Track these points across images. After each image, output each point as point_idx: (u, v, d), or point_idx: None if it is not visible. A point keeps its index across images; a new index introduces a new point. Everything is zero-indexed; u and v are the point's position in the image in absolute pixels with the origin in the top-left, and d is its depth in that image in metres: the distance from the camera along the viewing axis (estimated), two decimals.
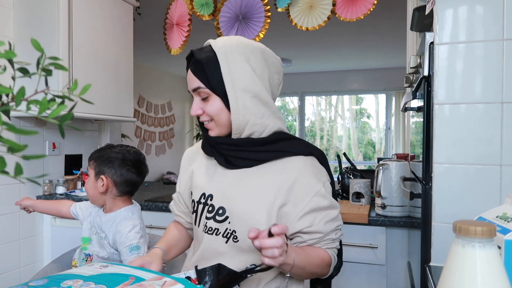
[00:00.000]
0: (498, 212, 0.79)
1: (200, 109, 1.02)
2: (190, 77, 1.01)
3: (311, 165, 1.04)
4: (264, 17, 2.43)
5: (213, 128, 1.03)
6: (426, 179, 1.14)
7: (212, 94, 0.99)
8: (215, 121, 1.02)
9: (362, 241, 1.85)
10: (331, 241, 1.02)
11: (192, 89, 1.01)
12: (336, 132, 7.22)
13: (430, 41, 1.11)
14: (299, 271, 0.95)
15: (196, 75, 0.99)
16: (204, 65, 0.97)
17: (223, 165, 1.04)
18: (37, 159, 0.51)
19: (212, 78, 0.97)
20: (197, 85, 0.99)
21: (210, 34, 2.69)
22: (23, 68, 0.54)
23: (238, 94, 0.96)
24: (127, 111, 2.56)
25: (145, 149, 6.14)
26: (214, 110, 1.00)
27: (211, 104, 1.00)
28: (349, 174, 2.34)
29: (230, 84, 0.96)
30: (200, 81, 0.99)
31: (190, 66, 1.01)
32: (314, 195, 0.99)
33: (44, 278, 0.76)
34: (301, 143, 1.06)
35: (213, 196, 1.04)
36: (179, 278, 0.76)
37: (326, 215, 1.00)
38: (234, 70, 0.96)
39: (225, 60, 0.96)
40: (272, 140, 1.01)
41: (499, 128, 1.04)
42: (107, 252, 1.45)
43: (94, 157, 1.49)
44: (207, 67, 0.97)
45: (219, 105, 0.99)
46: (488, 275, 0.52)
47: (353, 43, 4.82)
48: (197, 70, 0.99)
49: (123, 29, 2.51)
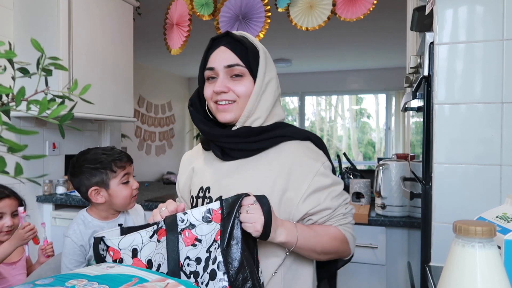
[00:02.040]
0: (498, 212, 0.79)
1: (226, 87, 1.00)
2: (225, 53, 1.01)
3: (307, 147, 1.04)
4: (264, 17, 2.43)
5: (232, 110, 1.02)
6: (426, 179, 1.14)
7: (248, 75, 1.01)
8: (238, 102, 1.01)
9: (362, 241, 1.85)
10: (342, 216, 1.01)
11: (227, 65, 1.00)
12: (336, 132, 7.21)
13: (430, 41, 1.11)
14: (307, 248, 0.95)
15: (236, 53, 1.00)
16: (248, 47, 1.01)
17: (219, 157, 1.04)
18: (37, 159, 0.51)
19: (252, 61, 1.01)
20: (236, 62, 1.00)
21: (210, 34, 2.68)
22: (23, 68, 0.54)
23: (265, 81, 1.02)
24: (127, 111, 2.56)
25: (145, 149, 6.14)
26: (245, 90, 1.00)
27: (244, 83, 1.01)
28: (349, 174, 2.34)
29: (263, 70, 1.02)
30: (240, 59, 1.00)
31: (226, 44, 1.01)
32: (314, 175, 0.98)
33: (50, 277, 0.77)
34: (298, 129, 1.07)
35: (211, 188, 1.04)
36: (182, 280, 0.76)
37: (331, 192, 0.99)
38: (269, 64, 1.04)
39: (264, 53, 1.03)
40: (269, 128, 1.02)
41: (499, 128, 1.04)
42: None
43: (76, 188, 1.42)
44: (251, 50, 1.01)
45: (251, 86, 1.01)
46: (488, 275, 0.52)
47: (353, 43, 4.82)
48: (237, 48, 1.01)
49: (123, 29, 2.51)
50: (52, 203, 2.40)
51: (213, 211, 0.87)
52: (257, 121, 1.01)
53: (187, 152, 1.24)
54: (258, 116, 1.01)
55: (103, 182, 1.38)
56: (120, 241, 0.90)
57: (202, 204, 1.05)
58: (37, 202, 2.39)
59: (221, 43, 1.02)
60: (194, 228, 0.87)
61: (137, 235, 0.90)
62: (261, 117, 1.01)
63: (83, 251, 1.37)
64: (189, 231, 0.88)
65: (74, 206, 2.36)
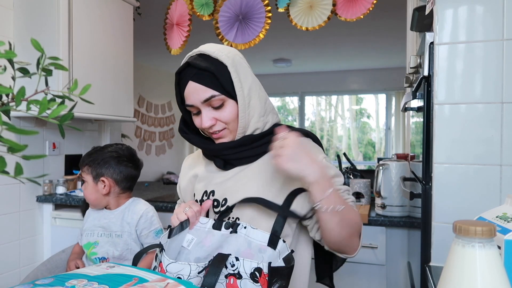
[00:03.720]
0: (498, 212, 0.79)
1: (212, 119, 0.98)
2: (195, 89, 0.96)
3: (308, 142, 1.04)
4: (265, 17, 2.42)
5: (226, 135, 1.01)
6: (426, 179, 1.14)
7: (228, 99, 0.97)
8: (228, 127, 1.00)
9: (362, 241, 1.84)
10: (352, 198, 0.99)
11: (203, 100, 0.96)
12: (336, 132, 7.21)
13: (430, 41, 1.11)
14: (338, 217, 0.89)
15: (206, 85, 0.95)
16: (215, 72, 0.95)
17: (222, 168, 1.04)
18: (37, 159, 0.51)
19: (225, 84, 0.96)
20: (211, 94, 0.95)
21: (210, 34, 2.69)
22: (23, 68, 0.54)
23: (245, 93, 0.97)
24: (127, 111, 2.56)
25: (145, 149, 6.14)
26: (231, 115, 0.98)
27: (227, 110, 0.98)
28: (349, 174, 2.34)
29: (239, 85, 0.96)
30: (213, 89, 0.95)
31: (192, 78, 0.96)
32: None
33: (50, 277, 0.77)
34: (297, 127, 1.07)
35: (215, 191, 1.04)
36: (182, 280, 0.76)
37: (337, 182, 0.98)
38: (241, 73, 0.98)
39: (232, 64, 0.97)
40: (270, 131, 1.02)
41: (499, 128, 1.04)
42: (121, 249, 1.47)
43: (88, 162, 1.50)
44: (218, 73, 0.95)
45: (235, 109, 0.98)
46: (488, 275, 0.52)
47: (353, 43, 4.82)
48: (205, 79, 0.95)
49: (123, 29, 2.51)
50: (52, 203, 2.39)
51: (262, 273, 0.82)
52: (256, 131, 1.01)
53: (190, 155, 1.24)
54: (256, 127, 1.00)
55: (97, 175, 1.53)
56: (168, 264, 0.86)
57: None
58: (37, 202, 2.39)
59: (188, 78, 0.97)
60: (240, 279, 0.83)
61: (186, 266, 0.84)
62: (259, 127, 1.01)
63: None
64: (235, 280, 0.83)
65: (74, 206, 2.36)
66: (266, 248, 0.89)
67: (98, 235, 1.51)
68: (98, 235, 1.51)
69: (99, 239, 1.50)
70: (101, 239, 1.50)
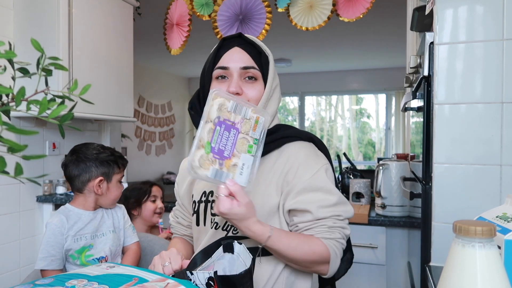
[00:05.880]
0: (498, 212, 0.79)
1: (240, 88, 0.99)
2: (239, 54, 1.00)
3: (309, 149, 1.04)
4: (265, 18, 2.42)
5: None
6: (426, 179, 1.14)
7: (260, 79, 1.02)
8: None
9: (362, 241, 1.85)
10: (327, 229, 0.94)
11: (243, 67, 0.99)
12: (336, 132, 7.21)
13: (430, 41, 1.11)
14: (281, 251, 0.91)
15: (252, 56, 1.00)
16: (261, 53, 1.02)
17: None
18: (37, 159, 0.51)
19: (264, 67, 1.01)
20: (252, 64, 1.00)
21: (210, 34, 2.69)
22: (23, 68, 0.54)
23: (273, 86, 1.03)
24: (127, 111, 2.56)
25: (145, 149, 6.14)
26: (257, 95, 1.00)
27: (256, 88, 1.01)
28: (349, 174, 2.34)
29: (272, 75, 1.02)
30: (255, 62, 1.00)
31: (241, 45, 1.01)
32: (312, 175, 0.97)
33: (50, 277, 0.77)
34: (300, 130, 1.08)
35: (214, 192, 1.04)
36: (182, 280, 0.76)
37: (322, 200, 0.95)
38: (275, 72, 1.05)
39: (272, 61, 1.04)
40: (273, 130, 1.02)
41: (499, 128, 1.04)
42: (119, 245, 1.49)
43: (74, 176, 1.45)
44: (264, 57, 1.02)
45: (262, 91, 1.01)
46: (488, 275, 0.52)
47: (353, 43, 4.82)
48: (252, 52, 1.01)
49: (123, 29, 2.51)
50: (52, 203, 2.40)
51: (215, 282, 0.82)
52: None
53: (186, 158, 1.23)
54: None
55: (108, 174, 1.42)
56: None
57: (205, 208, 1.05)
58: (37, 202, 2.39)
59: (234, 44, 1.01)
60: None
61: None
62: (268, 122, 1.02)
63: (62, 241, 1.39)
64: None
65: None
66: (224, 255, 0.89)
67: (101, 235, 1.50)
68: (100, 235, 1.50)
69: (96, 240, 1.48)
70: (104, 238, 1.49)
